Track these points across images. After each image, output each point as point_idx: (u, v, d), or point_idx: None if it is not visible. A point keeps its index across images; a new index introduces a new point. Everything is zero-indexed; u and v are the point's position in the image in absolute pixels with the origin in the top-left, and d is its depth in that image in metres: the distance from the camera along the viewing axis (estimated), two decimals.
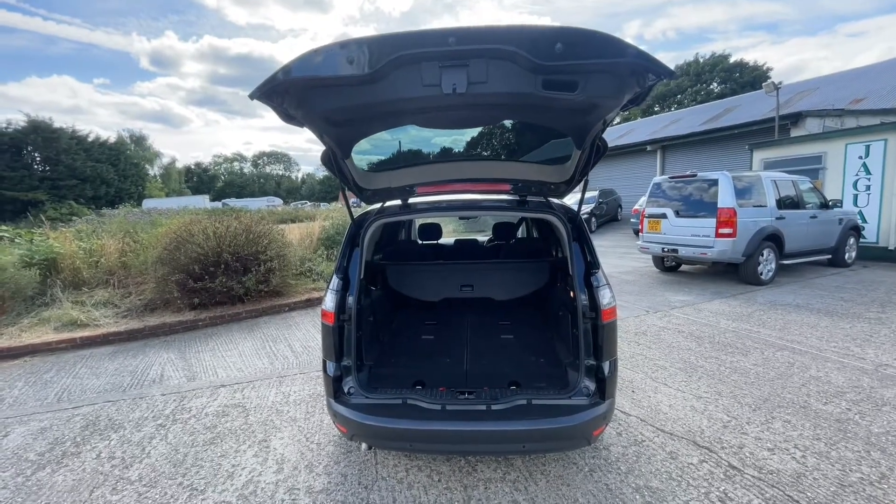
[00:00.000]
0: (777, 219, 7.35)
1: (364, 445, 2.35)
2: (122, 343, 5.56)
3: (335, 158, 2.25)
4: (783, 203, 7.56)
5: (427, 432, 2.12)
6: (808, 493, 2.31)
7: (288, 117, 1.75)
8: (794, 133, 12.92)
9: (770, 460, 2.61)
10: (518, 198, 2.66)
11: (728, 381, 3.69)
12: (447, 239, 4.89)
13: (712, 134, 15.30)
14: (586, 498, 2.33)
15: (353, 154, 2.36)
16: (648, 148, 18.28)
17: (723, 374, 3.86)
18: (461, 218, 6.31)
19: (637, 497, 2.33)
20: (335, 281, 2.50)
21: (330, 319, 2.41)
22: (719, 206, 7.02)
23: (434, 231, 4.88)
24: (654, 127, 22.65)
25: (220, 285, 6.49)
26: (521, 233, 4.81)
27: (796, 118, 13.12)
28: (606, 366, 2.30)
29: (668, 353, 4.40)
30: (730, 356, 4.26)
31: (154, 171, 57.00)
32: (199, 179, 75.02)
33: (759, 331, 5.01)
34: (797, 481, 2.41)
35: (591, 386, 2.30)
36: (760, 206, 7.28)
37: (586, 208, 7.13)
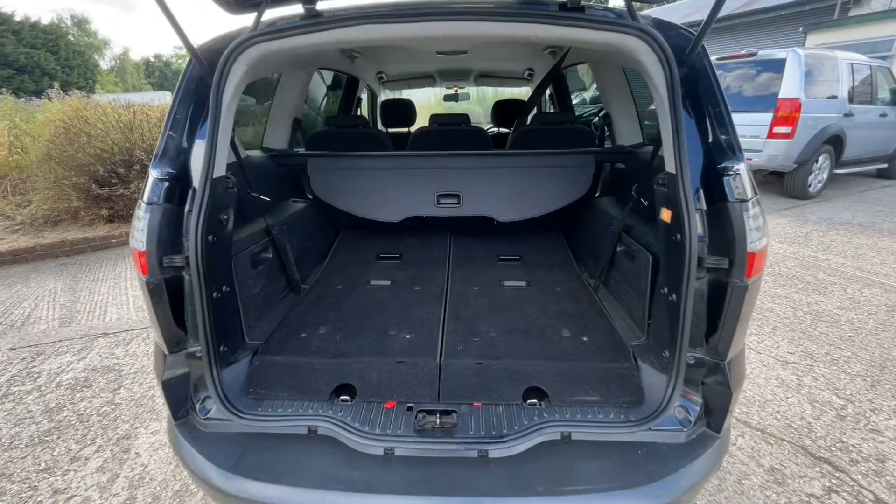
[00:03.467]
0: (845, 115, 5.85)
1: None
2: (4, 267, 4.26)
3: None
4: (854, 95, 5.98)
5: None
6: None
7: None
8: (854, 13, 10.67)
9: None
10: None
11: (816, 336, 2.62)
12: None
13: (754, 16, 12.72)
14: None
15: None
16: None
17: (804, 323, 2.78)
18: (449, 97, 4.64)
19: None
20: (151, 184, 1.16)
21: (143, 267, 1.12)
22: (781, 95, 5.44)
23: (402, 113, 3.35)
24: (677, 14, 19.34)
25: (136, 192, 5.03)
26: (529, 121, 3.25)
27: None
28: (728, 366, 1.11)
29: None
30: (804, 295, 3.16)
31: (105, 62, 50.33)
32: (161, 74, 67.08)
33: (827, 258, 3.89)
34: None
35: (694, 406, 1.13)
36: (829, 97, 5.72)
37: (588, 110, 5.01)
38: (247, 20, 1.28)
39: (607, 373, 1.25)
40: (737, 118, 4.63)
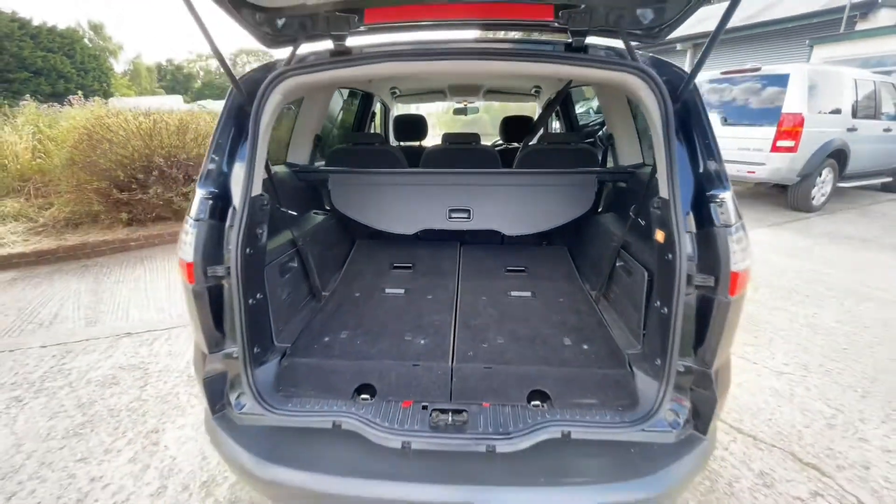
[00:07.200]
0: (848, 130, 5.93)
1: None
2: (28, 267, 4.45)
3: None
4: (857, 110, 6.07)
5: (371, 503, 1.09)
6: None
7: None
8: (861, 26, 10.74)
9: None
10: (570, 38, 1.33)
11: (812, 348, 2.71)
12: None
13: (760, 28, 12.84)
14: None
15: None
16: (678, 47, 15.66)
17: (800, 335, 2.87)
18: (458, 111, 4.81)
19: None
20: (198, 201, 1.29)
21: (189, 276, 1.25)
22: (784, 110, 5.53)
23: (414, 128, 3.50)
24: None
25: (155, 197, 5.22)
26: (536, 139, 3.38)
27: (868, 9, 10.82)
28: (714, 375, 1.22)
29: None
30: (801, 308, 3.25)
31: (119, 66, 51.18)
32: (173, 78, 68.25)
33: (828, 272, 3.96)
34: None
35: (682, 410, 1.24)
36: (832, 112, 5.81)
37: (594, 119, 5.42)
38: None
39: (605, 379, 1.37)
40: (741, 131, 4.76)
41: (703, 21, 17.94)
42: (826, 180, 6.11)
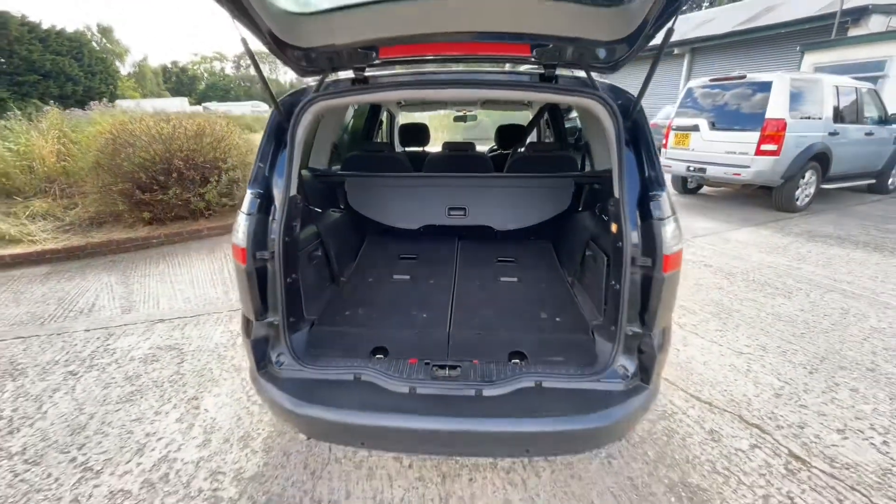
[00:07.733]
0: (830, 134, 6.23)
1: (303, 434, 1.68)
2: (60, 262, 4.81)
3: None
4: (839, 115, 6.37)
5: (385, 430, 1.43)
6: None
7: None
8: (853, 32, 11.03)
9: (842, 448, 2.00)
10: (542, 70, 1.66)
11: (773, 332, 3.03)
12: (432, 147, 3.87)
13: (754, 34, 13.14)
14: (603, 499, 1.74)
15: None
16: (675, 51, 16.01)
17: (765, 321, 3.19)
18: (458, 118, 5.16)
19: (672, 500, 1.74)
20: (249, 199, 1.62)
21: (242, 258, 1.59)
22: (767, 116, 5.85)
23: (418, 135, 3.85)
24: (680, 28, 19.79)
25: (174, 197, 5.58)
26: (527, 143, 3.74)
27: (859, 15, 11.09)
28: (657, 336, 1.54)
29: (695, 292, 3.71)
30: (770, 298, 3.57)
31: (125, 68, 51.84)
32: (178, 80, 68.99)
33: (800, 267, 4.28)
34: (884, 481, 1.82)
35: (631, 365, 1.57)
36: (814, 117, 6.12)
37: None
38: None
39: (571, 342, 1.70)
40: (729, 135, 5.25)
41: (701, 25, 18.24)
42: (809, 182, 6.42)
